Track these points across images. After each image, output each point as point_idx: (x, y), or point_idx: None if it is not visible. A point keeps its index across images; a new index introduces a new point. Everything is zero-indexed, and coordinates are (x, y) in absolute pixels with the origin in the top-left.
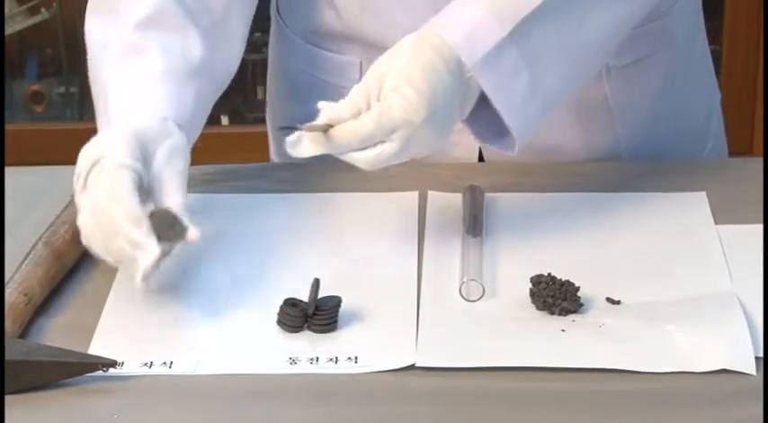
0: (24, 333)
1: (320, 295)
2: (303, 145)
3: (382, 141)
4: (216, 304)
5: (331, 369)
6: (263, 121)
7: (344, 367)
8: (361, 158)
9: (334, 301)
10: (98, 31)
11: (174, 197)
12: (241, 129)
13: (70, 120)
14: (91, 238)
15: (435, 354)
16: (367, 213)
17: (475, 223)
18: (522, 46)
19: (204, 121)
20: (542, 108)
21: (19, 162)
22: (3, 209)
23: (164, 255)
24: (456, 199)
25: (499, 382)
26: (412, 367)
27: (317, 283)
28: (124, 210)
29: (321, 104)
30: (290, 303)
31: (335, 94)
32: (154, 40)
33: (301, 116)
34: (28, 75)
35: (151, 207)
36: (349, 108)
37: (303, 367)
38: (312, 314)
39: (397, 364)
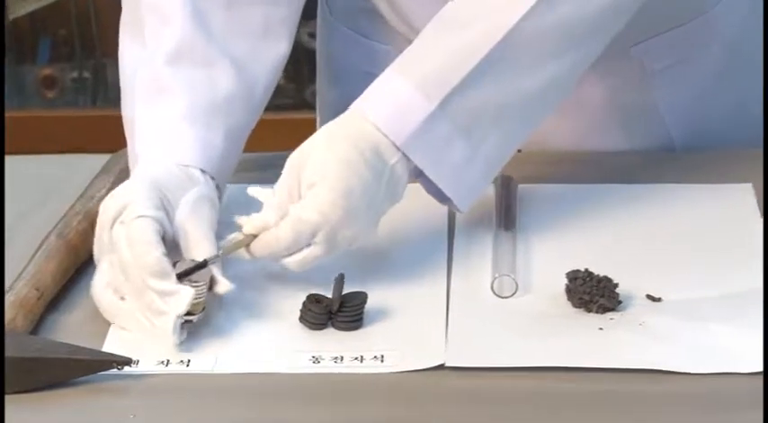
0: (36, 329)
1: (345, 291)
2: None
3: (308, 245)
4: (236, 300)
5: (356, 368)
6: (284, 107)
7: (370, 367)
8: (289, 263)
9: (360, 298)
10: (130, 57)
11: (199, 249)
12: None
13: (83, 106)
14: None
15: (466, 353)
16: (394, 206)
17: (507, 216)
18: (453, 116)
19: (238, 155)
20: (485, 169)
21: (30, 150)
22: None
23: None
24: (488, 190)
25: (533, 382)
26: (441, 367)
27: (341, 278)
28: (147, 263)
29: (241, 219)
30: (314, 299)
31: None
32: (180, 77)
33: (344, 104)
34: (39, 58)
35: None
36: (273, 215)
37: (327, 366)
38: (336, 311)
39: (425, 363)
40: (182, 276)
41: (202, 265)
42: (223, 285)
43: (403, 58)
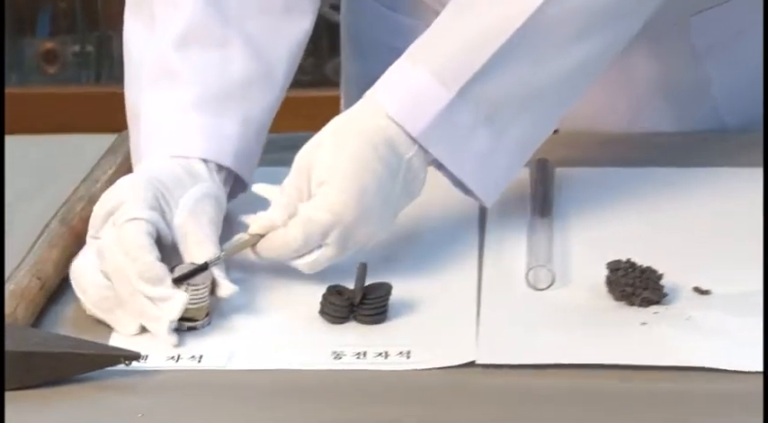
0: (38, 321)
1: (368, 281)
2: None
3: (319, 246)
4: (251, 292)
5: (380, 365)
6: (302, 84)
7: (395, 363)
8: (299, 265)
9: (384, 289)
10: (136, 40)
11: (200, 251)
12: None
13: (87, 82)
14: (93, 296)
15: (498, 349)
16: (428, 192)
17: (544, 202)
18: (474, 104)
19: (260, 143)
20: (511, 160)
21: (30, 129)
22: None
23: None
24: (523, 174)
25: (570, 381)
26: (472, 364)
27: (364, 267)
28: (139, 269)
29: (248, 218)
30: (335, 291)
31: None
32: (189, 62)
33: (369, 80)
34: (39, 31)
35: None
36: (280, 214)
37: (349, 362)
38: (359, 303)
39: (454, 360)
40: (180, 280)
41: (203, 267)
42: (225, 288)
43: (417, 45)
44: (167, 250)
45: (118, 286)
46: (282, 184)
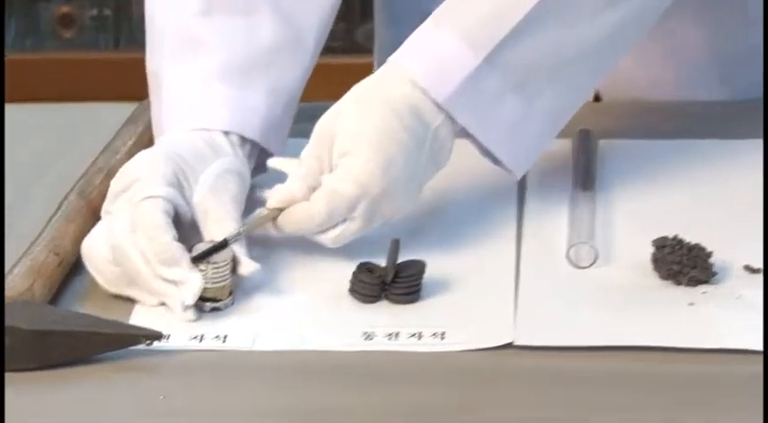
0: (56, 298)
1: (400, 259)
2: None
3: (343, 220)
4: (278, 269)
5: (413, 346)
6: (333, 51)
7: (429, 344)
8: (323, 239)
9: (417, 267)
10: (159, 5)
11: (220, 229)
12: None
13: (105, 47)
14: (106, 273)
15: (537, 330)
16: (456, 161)
17: (586, 174)
18: (503, 70)
19: (289, 114)
20: (542, 129)
21: (45, 98)
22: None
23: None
24: (564, 146)
25: (613, 364)
26: (509, 346)
27: (396, 244)
28: (154, 249)
29: (266, 192)
30: (365, 269)
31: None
32: (214, 29)
33: (398, 44)
34: None
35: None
36: (300, 186)
37: (380, 343)
38: (391, 281)
39: (491, 341)
40: (199, 259)
41: (222, 245)
42: (247, 266)
43: (443, 8)
44: (186, 228)
45: (124, 265)
46: (302, 155)
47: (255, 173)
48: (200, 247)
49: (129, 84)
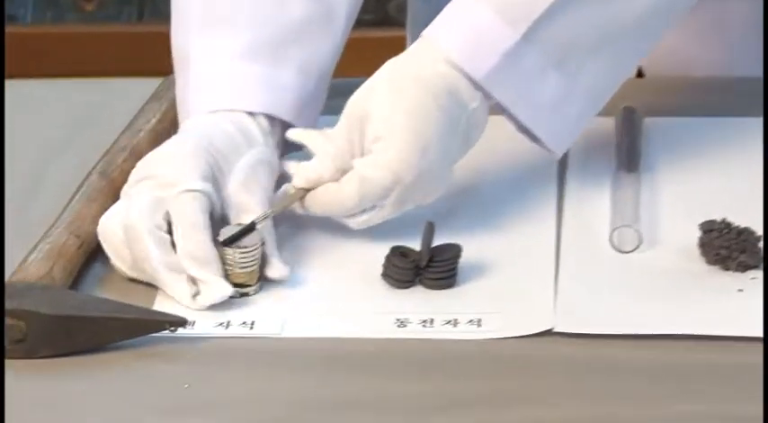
0: (76, 283)
1: (435, 242)
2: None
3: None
4: (307, 253)
5: (449, 334)
6: (364, 24)
7: (465, 332)
8: (350, 222)
9: (453, 251)
10: None
11: (248, 218)
12: None
13: (128, 20)
14: (124, 256)
15: (578, 317)
16: (493, 140)
17: (630, 155)
18: (542, 46)
19: (322, 92)
20: (583, 107)
21: (66, 73)
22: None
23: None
24: (607, 124)
25: (657, 353)
26: (549, 333)
27: (431, 227)
28: (189, 249)
29: (290, 166)
30: (399, 253)
31: None
32: (244, 4)
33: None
34: None
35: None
36: (328, 167)
37: (414, 331)
38: (425, 266)
39: (530, 328)
40: (228, 243)
41: (250, 228)
42: (276, 269)
43: None
44: (216, 222)
45: (133, 247)
46: (331, 133)
47: (286, 152)
48: (227, 232)
49: (153, 58)
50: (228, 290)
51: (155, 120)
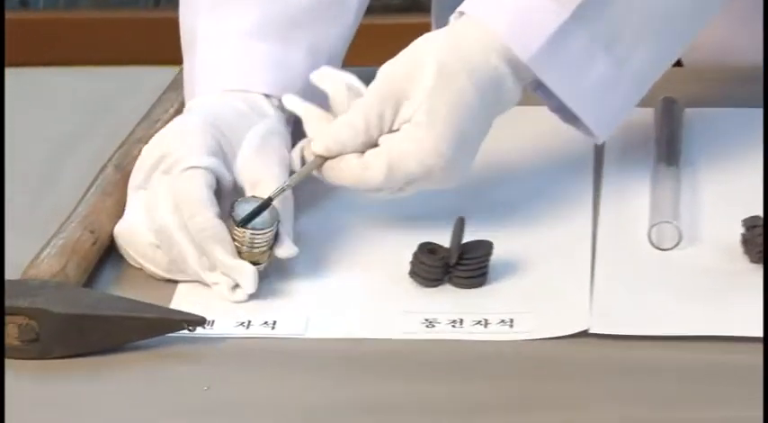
0: (91, 280)
1: (466, 239)
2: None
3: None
4: (331, 249)
5: (479, 335)
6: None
7: (496, 332)
8: (368, 195)
9: (484, 247)
10: None
11: (267, 189)
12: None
13: (144, 6)
14: (155, 259)
15: (615, 318)
16: (527, 131)
17: (670, 147)
18: (590, 27)
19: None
20: (631, 92)
21: (80, 60)
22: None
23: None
24: (646, 115)
25: (698, 355)
26: (584, 334)
27: (461, 222)
28: (196, 228)
29: (310, 126)
30: (427, 249)
31: None
32: None
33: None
34: None
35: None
36: (353, 138)
37: (443, 331)
38: (455, 263)
39: (564, 329)
40: (243, 223)
41: (265, 204)
42: (285, 249)
43: None
44: (227, 199)
45: (170, 251)
46: (360, 102)
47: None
48: (240, 208)
49: (171, 46)
50: (254, 271)
51: (172, 109)
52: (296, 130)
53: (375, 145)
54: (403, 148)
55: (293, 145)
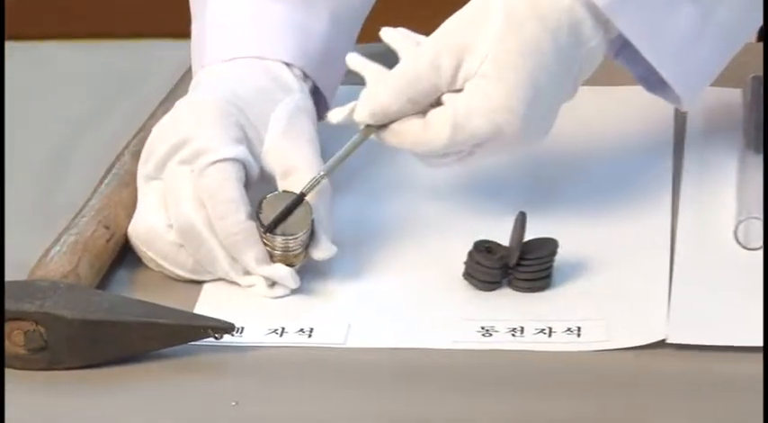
0: (105, 281)
1: (527, 237)
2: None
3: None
4: (375, 248)
5: (542, 344)
6: None
7: (561, 342)
8: (424, 161)
9: (548, 247)
10: None
11: (300, 177)
12: None
13: None
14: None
15: (696, 326)
16: (597, 114)
17: (759, 133)
18: None
19: (349, 48)
20: (718, 48)
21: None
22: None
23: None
24: (732, 96)
25: None
26: (661, 344)
27: (523, 218)
28: (227, 231)
29: (372, 76)
30: (484, 248)
31: None
32: None
33: None
34: None
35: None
36: (397, 98)
37: (502, 341)
38: (515, 264)
39: (639, 339)
40: (271, 228)
41: (296, 202)
42: (322, 250)
43: None
44: (253, 186)
45: (197, 251)
46: (408, 58)
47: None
48: (269, 208)
49: None
50: (285, 271)
51: None
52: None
53: (437, 105)
54: (469, 103)
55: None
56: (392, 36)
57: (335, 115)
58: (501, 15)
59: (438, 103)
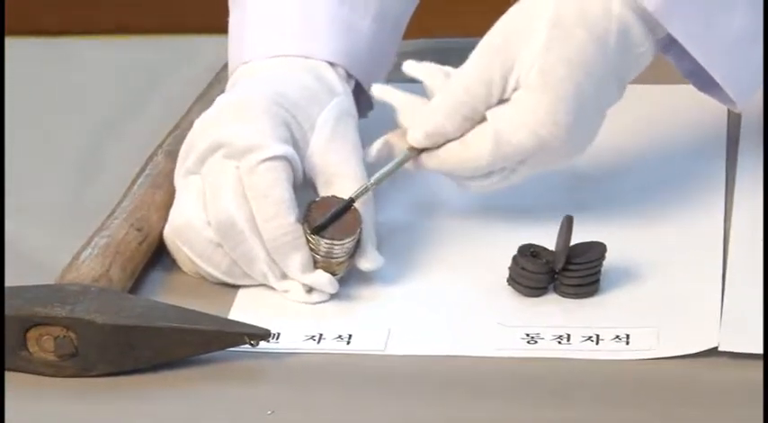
0: (137, 285)
1: (574, 240)
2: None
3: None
4: (417, 253)
5: (589, 352)
6: None
7: (609, 350)
8: (468, 185)
9: (596, 251)
10: None
11: (345, 185)
12: None
13: None
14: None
15: (749, 334)
16: (646, 113)
17: None
18: None
19: (394, 48)
20: None
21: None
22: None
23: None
24: None
25: None
26: (713, 352)
27: (569, 222)
28: (274, 234)
29: (404, 114)
30: (529, 253)
31: None
32: None
33: None
34: None
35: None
36: (453, 119)
37: (548, 348)
38: (562, 269)
39: (690, 347)
40: (320, 230)
41: (345, 207)
42: (369, 260)
43: None
44: (297, 190)
45: (235, 248)
46: (460, 74)
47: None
48: (317, 213)
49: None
50: (326, 278)
51: None
52: None
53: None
54: (511, 117)
55: None
56: (418, 69)
57: (370, 154)
58: (548, 24)
59: (483, 119)
